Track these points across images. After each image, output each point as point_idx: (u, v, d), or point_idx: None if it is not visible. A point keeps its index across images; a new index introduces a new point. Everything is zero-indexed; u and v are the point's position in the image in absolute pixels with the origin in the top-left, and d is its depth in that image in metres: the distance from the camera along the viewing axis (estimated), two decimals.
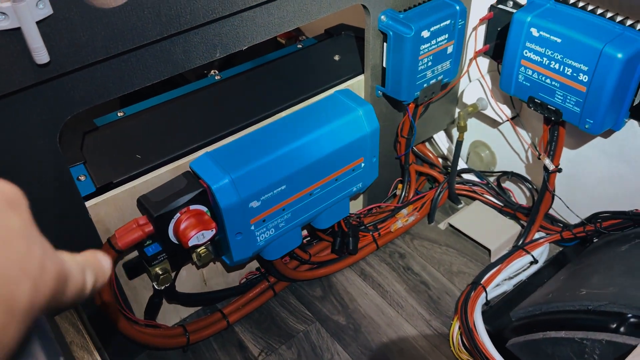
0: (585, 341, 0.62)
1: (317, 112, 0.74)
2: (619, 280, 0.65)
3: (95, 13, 0.50)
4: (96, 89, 0.54)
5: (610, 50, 0.62)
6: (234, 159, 0.67)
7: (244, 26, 0.61)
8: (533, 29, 0.68)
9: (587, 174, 0.82)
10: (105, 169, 0.67)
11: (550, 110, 0.71)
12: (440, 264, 0.90)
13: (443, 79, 0.83)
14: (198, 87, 0.82)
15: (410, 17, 0.73)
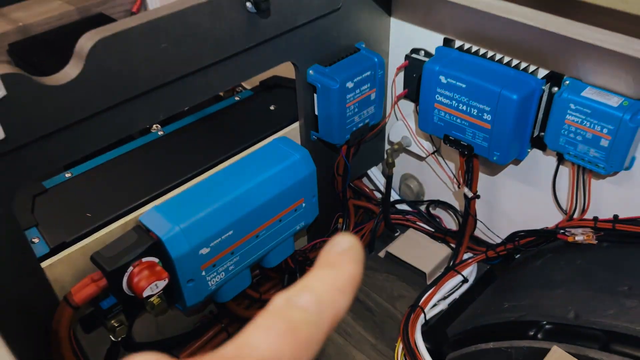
0: (510, 349, 0.69)
1: (257, 159, 0.80)
2: (535, 293, 0.74)
3: (46, 91, 0.54)
4: (47, 157, 0.58)
5: (506, 92, 0.72)
6: (182, 210, 0.72)
7: (185, 89, 0.67)
8: (441, 76, 0.78)
9: (502, 199, 0.92)
10: (57, 229, 0.70)
11: (463, 146, 0.81)
12: (382, 290, 0.97)
13: (370, 122, 0.91)
14: (142, 143, 0.87)
15: (335, 71, 0.82)
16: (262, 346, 0.18)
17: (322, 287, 0.20)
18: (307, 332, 0.18)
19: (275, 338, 0.18)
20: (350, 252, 0.21)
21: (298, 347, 0.18)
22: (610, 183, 0.77)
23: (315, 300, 0.19)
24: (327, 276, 0.20)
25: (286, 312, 0.19)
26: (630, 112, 0.67)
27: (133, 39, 0.58)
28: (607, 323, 0.63)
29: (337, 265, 0.20)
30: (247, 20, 0.68)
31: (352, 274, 0.20)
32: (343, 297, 0.20)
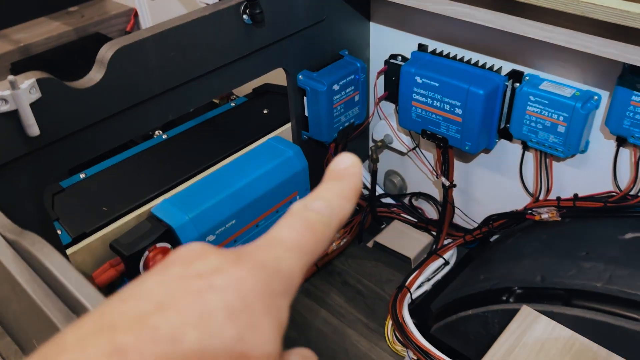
0: (487, 313, 0.78)
1: (255, 157, 0.89)
2: (507, 264, 0.83)
3: (74, 93, 0.63)
4: (75, 152, 0.66)
5: (474, 88, 0.82)
6: (190, 202, 0.80)
7: (191, 92, 0.76)
8: (417, 77, 0.87)
9: (476, 186, 1.01)
10: (77, 222, 0.78)
11: (438, 139, 0.90)
12: (371, 276, 1.06)
13: (355, 122, 1.01)
14: (148, 147, 0.95)
15: (323, 75, 0.91)
16: (288, 239, 0.21)
17: (331, 196, 0.23)
18: (322, 230, 0.22)
19: (297, 233, 0.21)
20: (351, 167, 0.24)
21: (315, 240, 0.21)
22: (569, 166, 0.86)
23: (327, 205, 0.22)
24: (334, 187, 0.24)
25: (304, 214, 0.22)
26: (581, 100, 0.77)
27: (147, 47, 0.67)
28: (568, 283, 0.72)
29: (341, 178, 0.24)
30: (244, 30, 0.77)
31: (354, 185, 0.24)
32: (348, 203, 0.23)
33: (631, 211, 0.80)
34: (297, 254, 0.21)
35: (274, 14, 0.79)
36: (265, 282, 0.19)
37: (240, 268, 0.19)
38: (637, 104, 0.72)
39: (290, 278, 0.20)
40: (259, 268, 0.20)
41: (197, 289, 0.18)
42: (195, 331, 0.17)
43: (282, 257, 0.20)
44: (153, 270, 0.20)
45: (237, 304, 0.18)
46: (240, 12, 0.75)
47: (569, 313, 0.69)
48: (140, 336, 0.17)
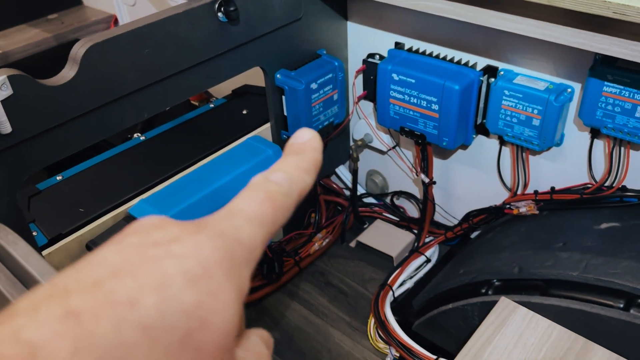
0: (466, 306, 0.78)
1: (234, 155, 0.89)
2: (486, 257, 0.84)
3: (46, 90, 0.62)
4: (48, 151, 0.66)
5: (449, 84, 0.82)
6: (168, 201, 0.79)
7: (166, 90, 0.75)
8: (394, 74, 0.88)
9: (456, 183, 1.02)
10: (53, 223, 0.77)
11: (416, 135, 0.91)
12: (354, 275, 1.05)
13: (334, 121, 1.01)
14: (126, 148, 0.94)
15: (300, 74, 0.91)
16: (248, 209, 0.21)
17: (291, 168, 0.23)
18: (282, 200, 0.22)
19: (258, 203, 0.21)
20: (311, 141, 0.25)
21: (275, 211, 0.21)
22: (545, 159, 0.87)
23: (286, 177, 0.23)
24: (294, 160, 0.24)
25: (264, 185, 0.22)
26: (554, 93, 0.78)
27: (120, 44, 0.67)
28: (545, 273, 0.73)
29: (301, 152, 0.24)
30: (219, 28, 0.77)
31: (313, 158, 0.24)
32: (308, 175, 0.24)
33: (606, 202, 0.80)
34: (258, 224, 0.21)
35: (249, 11, 0.80)
36: (225, 250, 0.19)
37: (200, 236, 0.19)
38: (608, 94, 0.73)
39: (250, 247, 0.20)
40: (219, 236, 0.20)
41: (154, 256, 0.18)
42: (153, 295, 0.17)
43: (243, 227, 0.20)
44: (110, 240, 0.20)
45: (197, 271, 0.18)
46: (214, 9, 0.75)
47: (546, 303, 0.70)
48: (95, 299, 0.16)
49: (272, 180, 0.23)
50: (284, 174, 0.23)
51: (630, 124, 0.74)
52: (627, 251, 0.70)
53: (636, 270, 0.67)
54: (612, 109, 0.74)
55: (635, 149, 0.78)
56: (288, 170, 0.23)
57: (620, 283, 0.66)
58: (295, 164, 0.24)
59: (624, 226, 0.75)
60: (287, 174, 0.23)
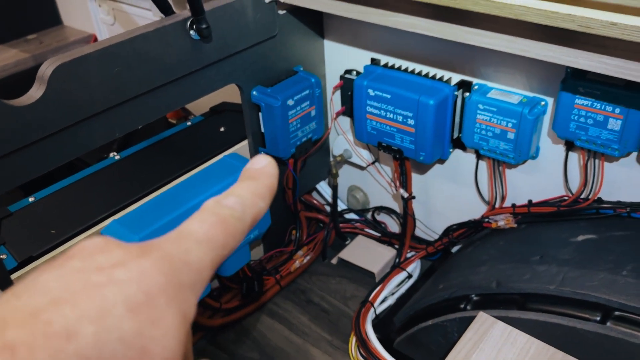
0: (446, 323, 0.77)
1: (209, 174, 0.88)
2: (465, 272, 0.83)
3: (13, 111, 0.61)
4: (17, 172, 0.65)
5: (424, 99, 0.82)
6: (141, 221, 0.78)
7: (138, 109, 0.75)
8: (370, 90, 0.88)
9: (435, 197, 1.01)
10: (24, 246, 0.75)
11: (394, 150, 0.90)
12: (336, 293, 1.04)
13: (312, 137, 1.01)
14: (100, 168, 0.93)
15: (277, 90, 0.91)
16: (199, 232, 0.21)
17: (245, 193, 0.24)
18: (234, 224, 0.22)
19: (209, 226, 0.21)
20: (266, 167, 0.25)
21: (226, 235, 0.22)
22: (522, 172, 0.87)
23: (239, 202, 0.23)
24: (248, 185, 0.24)
25: (216, 209, 0.22)
26: (528, 106, 0.78)
27: (89, 64, 0.66)
28: (523, 287, 0.72)
29: (256, 178, 0.25)
30: (191, 46, 0.77)
31: (268, 183, 0.25)
32: (262, 201, 0.24)
33: (583, 214, 0.80)
34: (207, 247, 0.21)
35: (222, 29, 0.79)
36: (170, 274, 0.19)
37: (145, 260, 0.19)
38: (580, 107, 0.74)
39: (198, 270, 0.20)
40: (165, 260, 0.19)
41: (96, 282, 0.18)
42: (92, 326, 0.17)
43: (191, 249, 0.20)
44: (51, 263, 0.19)
45: (139, 298, 0.18)
46: (186, 27, 0.75)
47: (524, 317, 0.69)
48: (31, 331, 0.16)
49: (224, 204, 0.23)
50: (237, 198, 0.23)
51: (603, 135, 0.74)
52: (603, 263, 0.70)
53: (612, 283, 0.66)
54: (584, 121, 0.74)
55: (609, 161, 0.78)
56: (242, 194, 0.24)
57: (596, 296, 0.66)
58: (249, 189, 0.24)
59: (600, 238, 0.75)
60: (240, 198, 0.23)
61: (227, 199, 0.23)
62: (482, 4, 0.62)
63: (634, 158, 0.77)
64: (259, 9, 0.84)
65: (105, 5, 1.39)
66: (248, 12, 0.82)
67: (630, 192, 0.79)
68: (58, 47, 1.44)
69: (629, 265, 0.69)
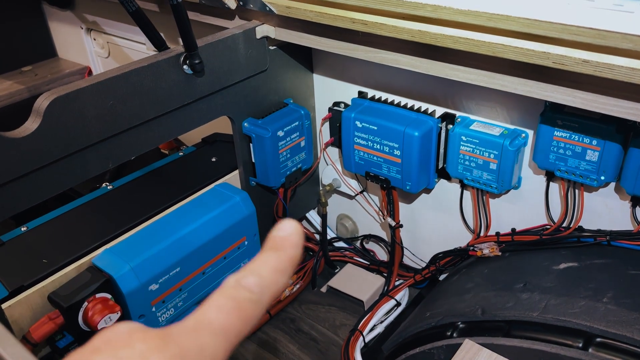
0: (433, 350, 0.78)
1: (200, 203, 0.89)
2: (451, 300, 0.84)
3: (8, 142, 0.63)
4: (11, 202, 0.66)
5: (409, 130, 0.85)
6: (132, 250, 0.79)
7: (132, 140, 0.77)
8: (357, 121, 0.91)
9: (422, 226, 1.03)
10: (15, 275, 0.76)
11: (381, 180, 0.93)
12: (325, 321, 1.05)
13: (302, 167, 1.03)
14: (93, 198, 0.94)
15: (267, 122, 0.94)
16: (215, 322, 0.22)
17: (265, 270, 0.24)
18: (251, 310, 0.22)
19: (225, 314, 0.22)
20: (291, 237, 0.25)
21: (242, 321, 0.22)
22: (505, 202, 0.90)
23: (259, 283, 0.23)
24: (270, 259, 0.24)
25: (235, 292, 0.23)
26: (509, 138, 0.81)
27: (84, 97, 0.68)
28: (507, 314, 0.73)
29: (280, 248, 0.24)
30: (185, 80, 0.79)
31: (292, 256, 0.24)
32: (283, 277, 0.24)
33: (565, 242, 0.83)
34: (223, 338, 0.22)
35: (214, 64, 0.82)
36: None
37: (163, 356, 0.20)
38: (559, 139, 0.77)
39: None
40: (180, 356, 0.20)
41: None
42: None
43: (207, 344, 0.21)
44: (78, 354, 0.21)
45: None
46: (180, 62, 0.78)
47: (508, 344, 0.70)
48: None
49: (244, 285, 0.23)
50: (257, 278, 0.23)
51: (582, 166, 0.77)
52: (584, 290, 0.72)
53: (593, 310, 0.68)
54: (563, 152, 0.77)
55: (588, 191, 0.81)
56: (262, 273, 0.24)
57: (578, 322, 0.67)
58: (271, 265, 0.24)
59: (581, 266, 0.77)
60: (260, 279, 0.23)
61: (246, 278, 0.23)
62: (462, 42, 0.65)
63: (612, 188, 0.79)
64: (250, 45, 0.87)
65: (99, 39, 1.43)
66: (240, 48, 0.85)
67: (609, 220, 0.81)
68: (53, 79, 1.47)
69: (609, 292, 0.71)
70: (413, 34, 0.69)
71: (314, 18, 0.79)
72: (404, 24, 0.70)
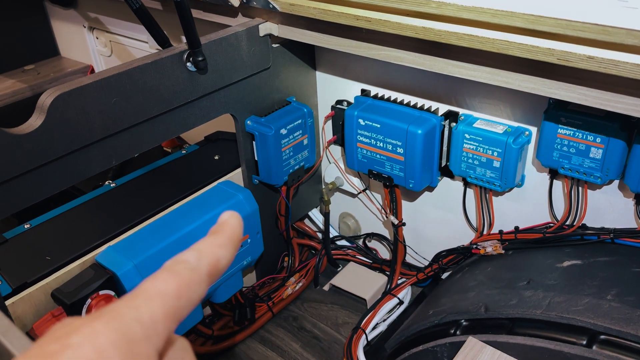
0: (436, 348, 0.78)
1: (204, 201, 0.89)
2: (454, 298, 0.84)
3: (12, 139, 0.63)
4: (16, 199, 0.66)
5: (412, 128, 0.85)
6: (135, 248, 0.79)
7: (135, 138, 0.77)
8: (360, 119, 0.90)
9: (425, 224, 1.03)
10: (19, 272, 0.76)
11: (384, 178, 0.93)
12: (327, 319, 1.05)
13: (305, 165, 1.03)
14: (96, 195, 0.94)
15: (270, 120, 0.93)
16: (149, 288, 0.23)
17: (202, 245, 0.26)
18: (188, 275, 0.24)
19: (160, 282, 0.23)
20: (228, 219, 0.27)
21: (179, 285, 0.23)
22: (508, 199, 0.90)
23: (194, 254, 0.25)
24: (208, 239, 0.26)
25: (171, 265, 0.24)
26: (513, 136, 0.81)
27: (88, 94, 0.69)
28: (510, 312, 0.73)
29: (217, 231, 0.27)
30: (188, 77, 0.79)
31: (229, 233, 0.26)
32: (222, 249, 0.26)
33: (568, 240, 0.82)
34: (159, 300, 0.22)
35: (218, 61, 0.82)
36: (121, 331, 0.21)
37: (97, 322, 0.21)
38: (563, 136, 0.77)
39: (151, 324, 0.22)
40: (116, 318, 0.21)
41: (52, 351, 0.20)
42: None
43: (141, 305, 0.22)
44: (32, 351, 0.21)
45: (92, 356, 0.20)
46: (183, 59, 0.78)
47: (512, 341, 0.70)
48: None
49: (179, 259, 0.25)
50: (192, 251, 0.25)
51: (586, 164, 0.77)
52: (588, 288, 0.71)
53: (596, 307, 0.68)
54: (567, 150, 0.77)
55: (592, 189, 0.81)
56: (198, 247, 0.25)
57: (582, 320, 0.67)
58: (208, 241, 0.26)
59: (584, 264, 0.77)
60: (196, 252, 0.25)
61: (183, 254, 0.25)
62: (466, 38, 0.65)
63: (616, 185, 0.79)
64: (253, 43, 0.87)
65: (102, 37, 1.43)
66: (243, 46, 0.85)
67: (613, 218, 0.81)
68: (55, 78, 1.47)
69: (613, 290, 0.71)
70: (417, 30, 0.69)
71: (317, 15, 0.79)
72: (407, 21, 0.70)
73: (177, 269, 0.24)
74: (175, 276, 0.23)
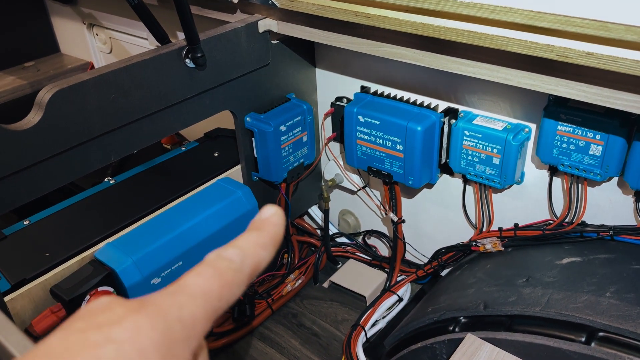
0: (435, 345, 0.78)
1: (203, 197, 0.89)
2: (453, 295, 0.84)
3: (10, 135, 0.63)
4: (14, 195, 0.66)
5: (412, 125, 0.85)
6: (134, 244, 0.79)
7: (134, 134, 0.77)
8: (359, 116, 0.90)
9: (424, 221, 1.03)
10: (17, 268, 0.76)
11: (383, 175, 0.93)
12: (327, 316, 1.05)
13: (304, 162, 1.03)
14: (95, 192, 0.94)
15: (269, 117, 0.93)
16: (193, 285, 0.22)
17: (246, 244, 0.25)
18: (231, 276, 0.23)
19: (204, 279, 0.22)
20: (272, 217, 0.26)
21: (222, 286, 0.22)
22: (508, 196, 0.90)
23: (239, 253, 0.24)
24: (251, 236, 0.25)
25: (215, 262, 0.23)
26: (512, 132, 0.81)
27: (86, 90, 0.68)
28: (509, 309, 0.73)
29: (261, 228, 0.25)
30: (187, 73, 0.79)
31: (272, 233, 0.25)
32: (264, 251, 0.25)
33: (567, 237, 0.82)
34: (202, 301, 0.22)
35: (217, 58, 0.82)
36: (164, 331, 0.20)
37: (140, 317, 0.20)
38: (563, 133, 0.76)
39: (192, 325, 0.21)
40: (160, 317, 0.20)
41: (94, 341, 0.19)
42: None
43: (185, 304, 0.21)
44: (61, 325, 0.21)
45: (133, 356, 0.19)
46: (182, 56, 0.78)
47: (511, 339, 0.70)
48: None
49: (224, 256, 0.24)
50: (237, 250, 0.24)
51: (585, 161, 0.76)
52: (587, 285, 0.71)
53: (595, 304, 0.68)
54: (567, 147, 0.77)
55: (591, 186, 0.81)
56: (243, 246, 0.25)
57: (581, 317, 0.67)
58: (251, 240, 0.25)
59: (584, 261, 0.77)
60: (240, 250, 0.24)
61: (227, 251, 0.24)
62: (465, 35, 0.65)
63: (615, 182, 0.79)
64: (252, 39, 0.86)
65: (102, 34, 1.42)
66: (242, 42, 0.85)
67: (612, 215, 0.81)
68: (55, 75, 1.47)
69: (612, 287, 0.71)
70: (416, 26, 0.69)
71: (316, 11, 0.78)
72: (407, 17, 0.70)
73: (222, 268, 0.23)
74: (220, 276, 0.23)
